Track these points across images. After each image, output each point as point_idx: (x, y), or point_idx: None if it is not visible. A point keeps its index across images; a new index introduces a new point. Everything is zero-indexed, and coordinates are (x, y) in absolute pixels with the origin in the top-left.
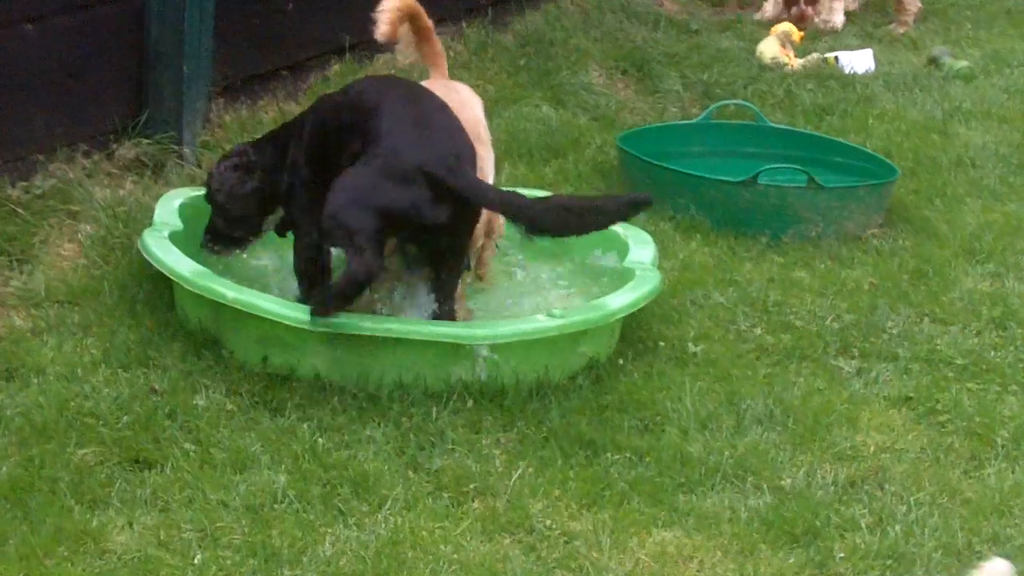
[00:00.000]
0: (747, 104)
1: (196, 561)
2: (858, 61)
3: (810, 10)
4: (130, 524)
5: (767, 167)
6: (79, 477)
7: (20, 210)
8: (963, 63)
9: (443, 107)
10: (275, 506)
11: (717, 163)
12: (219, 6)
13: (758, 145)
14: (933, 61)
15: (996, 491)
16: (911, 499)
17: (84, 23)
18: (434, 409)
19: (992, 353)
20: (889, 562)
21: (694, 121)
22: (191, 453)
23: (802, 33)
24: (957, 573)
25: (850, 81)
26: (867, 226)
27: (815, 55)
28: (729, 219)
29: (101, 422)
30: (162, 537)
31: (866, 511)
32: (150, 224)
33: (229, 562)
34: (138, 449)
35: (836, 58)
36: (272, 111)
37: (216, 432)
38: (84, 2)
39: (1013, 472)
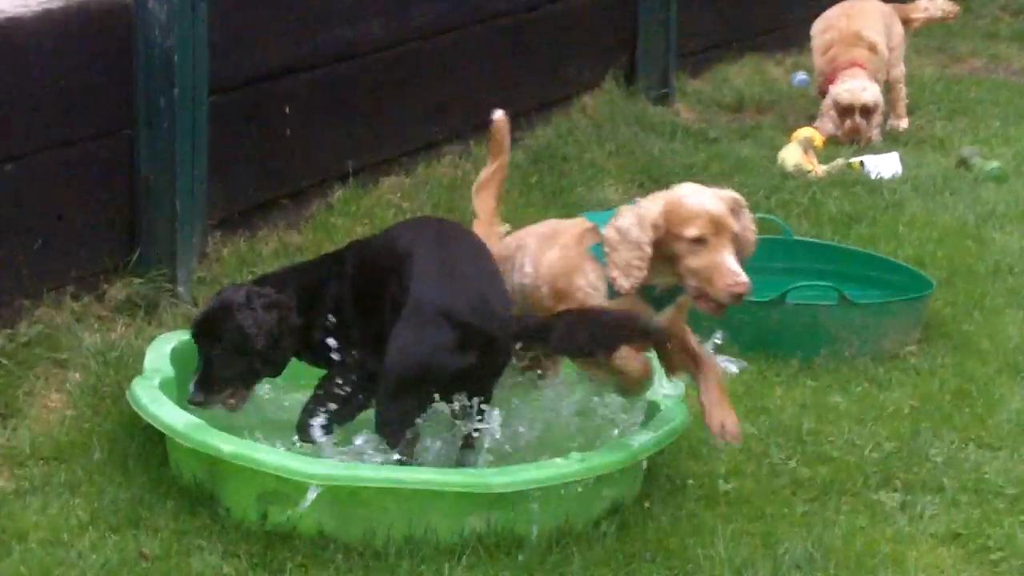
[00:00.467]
0: (772, 217)
1: None
2: (884, 165)
3: (863, 123)
4: None
5: (796, 285)
6: None
7: (4, 360)
8: (994, 164)
9: (475, 248)
10: None
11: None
12: (213, 136)
13: (785, 260)
14: (963, 162)
15: None
16: None
17: (70, 160)
18: (446, 566)
19: None
20: None
21: None
22: None
23: (824, 139)
24: None
25: (877, 187)
26: (904, 343)
27: (840, 161)
28: (758, 341)
29: None
30: None
31: None
32: (140, 372)
33: None
34: None
35: (861, 163)
36: (272, 242)
37: None
38: (69, 138)
39: None
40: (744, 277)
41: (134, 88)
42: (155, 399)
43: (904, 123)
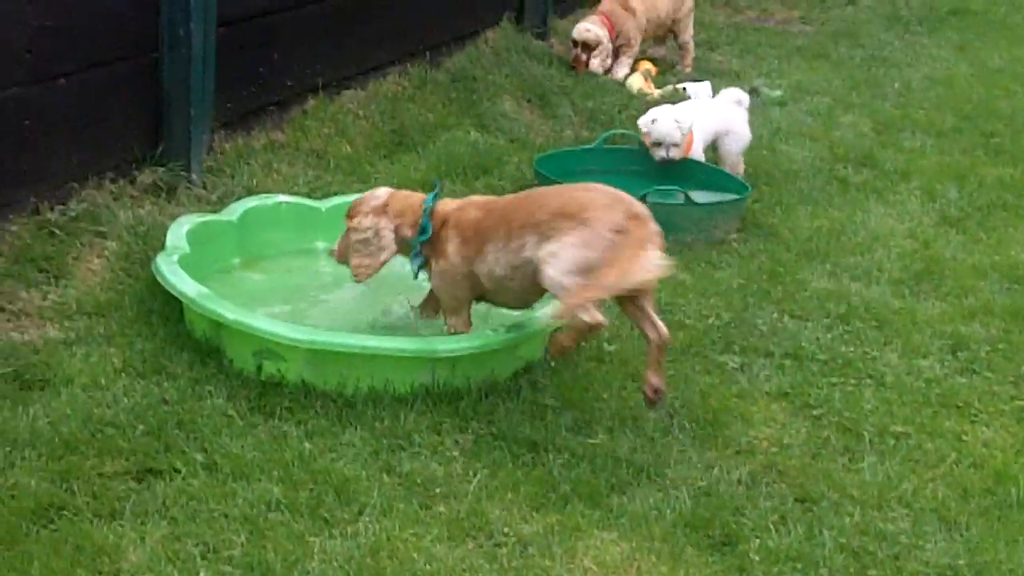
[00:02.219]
0: (627, 131)
1: None
2: (700, 91)
3: (583, 55)
4: (142, 539)
5: (654, 188)
6: (99, 490)
7: (57, 231)
8: (777, 92)
9: None
10: (269, 515)
11: (612, 181)
12: (219, 56)
13: (641, 166)
14: (754, 91)
15: (873, 486)
16: (807, 497)
17: (108, 76)
18: (401, 413)
19: (844, 348)
20: (798, 564)
21: (592, 146)
22: (197, 462)
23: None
24: (856, 573)
25: None
26: (729, 233)
27: (670, 87)
28: None
29: (119, 432)
30: (169, 552)
31: (771, 510)
32: (163, 248)
33: None
34: (150, 460)
35: (684, 88)
36: (262, 139)
37: (219, 439)
38: (108, 59)
39: (882, 465)
40: None
41: (160, 21)
42: (174, 271)
43: (688, 68)
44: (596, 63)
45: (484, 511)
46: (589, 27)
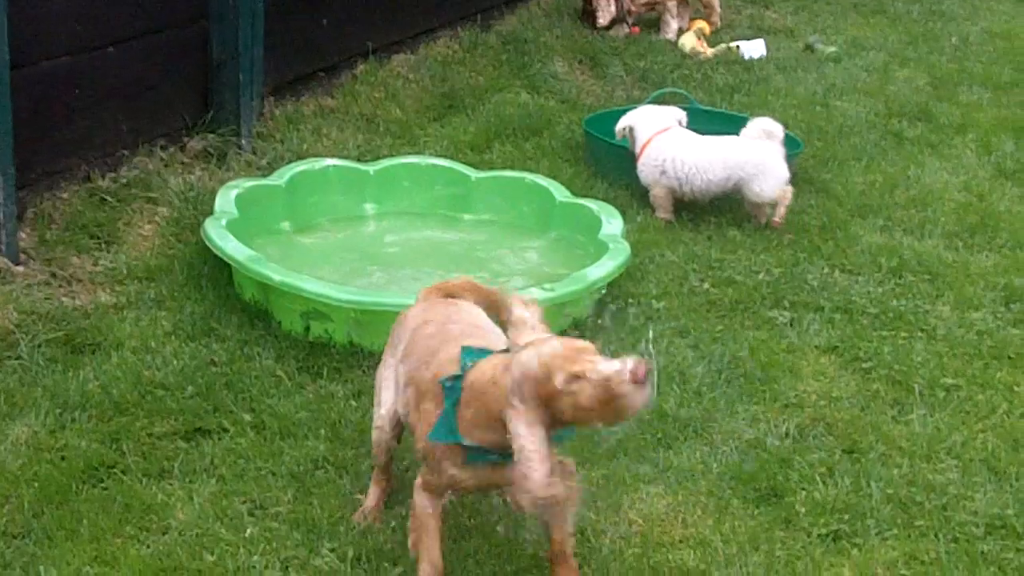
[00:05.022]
0: (681, 91)
1: (247, 534)
2: (754, 49)
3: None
4: (190, 497)
5: None
6: (149, 450)
7: (109, 198)
8: (832, 48)
9: None
10: (316, 473)
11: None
12: (267, 23)
13: (692, 124)
14: (809, 47)
15: (922, 437)
16: (855, 449)
17: (159, 43)
18: None
19: (895, 302)
20: (845, 516)
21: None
22: (245, 421)
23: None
24: (903, 524)
25: (750, 65)
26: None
27: (723, 46)
28: None
29: (169, 394)
30: (217, 510)
31: (818, 462)
32: (211, 212)
33: (276, 535)
34: (199, 420)
35: (738, 47)
36: (312, 105)
37: (266, 399)
38: (159, 27)
39: (932, 417)
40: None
41: None
42: (222, 236)
43: (711, 27)
44: (602, 18)
45: None
46: None
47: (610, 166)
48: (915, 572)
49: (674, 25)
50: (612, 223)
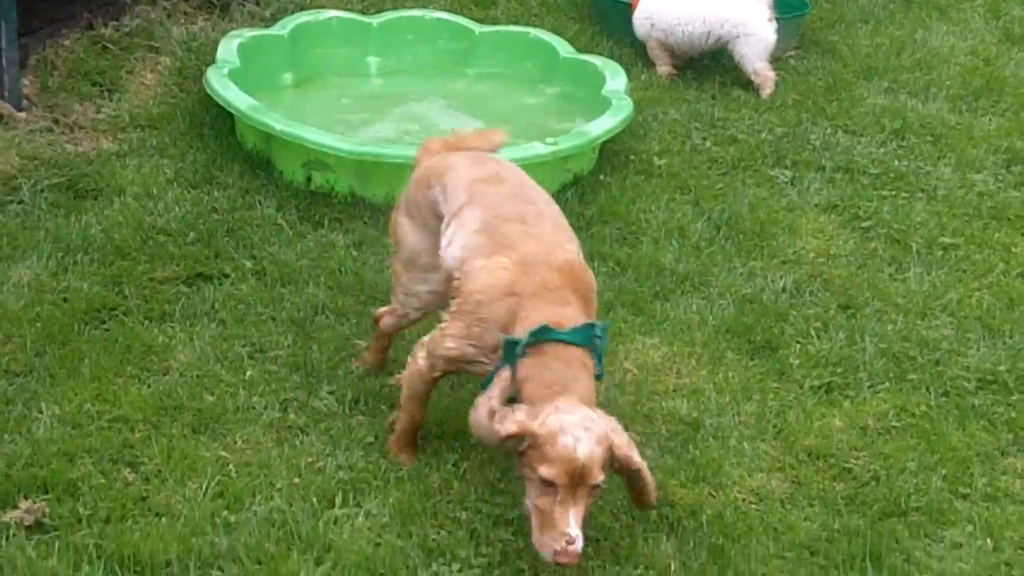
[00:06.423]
0: None
1: (247, 376)
2: None
3: None
4: (191, 339)
5: None
6: (150, 294)
7: (111, 46)
8: None
9: None
10: (316, 319)
11: None
12: None
13: None
14: None
15: (918, 295)
16: (850, 304)
17: None
18: None
19: (897, 162)
20: (838, 369)
21: None
22: (246, 268)
23: None
24: (895, 377)
25: None
26: (787, 50)
27: None
28: None
29: (170, 239)
30: (218, 352)
31: (813, 317)
32: (214, 62)
33: (275, 377)
34: (201, 265)
35: None
36: None
37: (267, 247)
38: None
39: (928, 275)
40: (576, 546)
41: None
42: (224, 85)
43: None
44: None
45: None
46: None
47: (615, 24)
48: (905, 423)
49: None
50: (616, 79)
